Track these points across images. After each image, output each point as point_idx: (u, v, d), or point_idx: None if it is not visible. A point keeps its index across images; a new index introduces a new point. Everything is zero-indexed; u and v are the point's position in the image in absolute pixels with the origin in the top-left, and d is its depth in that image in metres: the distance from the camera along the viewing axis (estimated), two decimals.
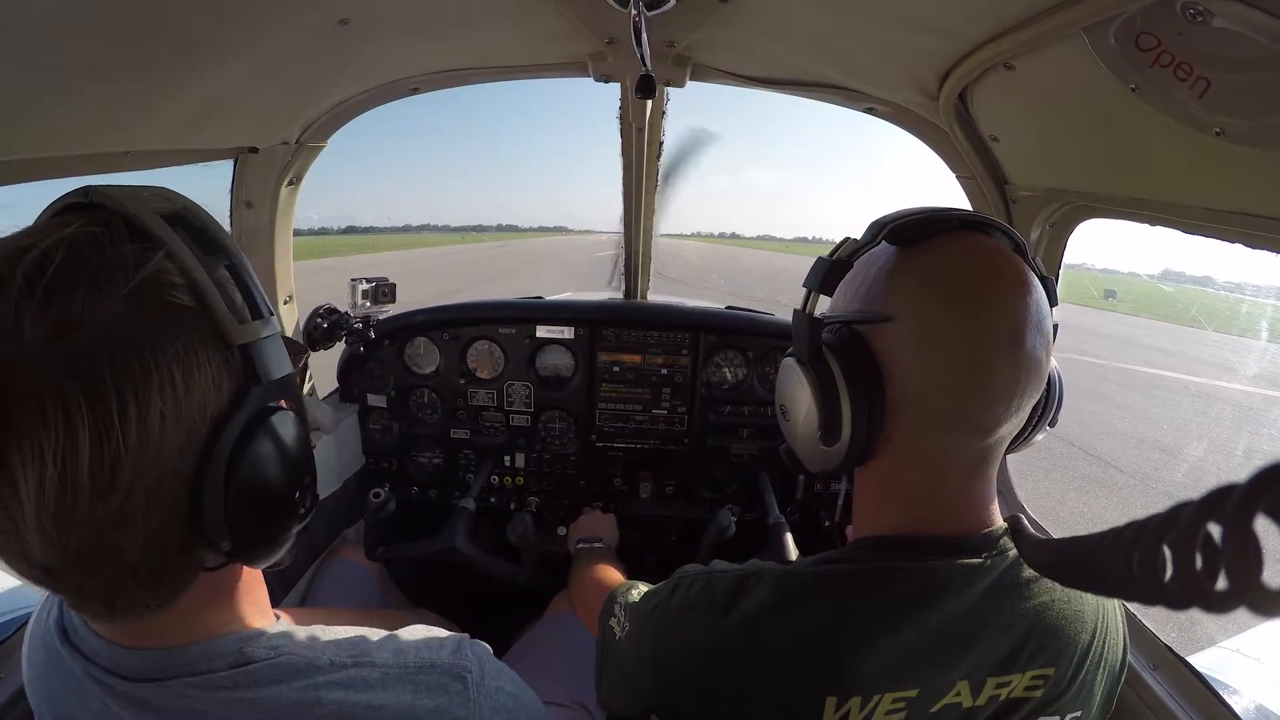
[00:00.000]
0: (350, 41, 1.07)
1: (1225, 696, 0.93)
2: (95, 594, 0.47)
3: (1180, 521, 0.28)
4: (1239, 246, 0.88)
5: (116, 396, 0.41)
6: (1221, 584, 0.25)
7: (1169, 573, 0.29)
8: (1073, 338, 14.32)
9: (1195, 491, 0.27)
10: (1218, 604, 0.25)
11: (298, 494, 0.54)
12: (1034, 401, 0.68)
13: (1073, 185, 1.12)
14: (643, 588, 0.87)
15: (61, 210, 0.49)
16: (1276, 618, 0.23)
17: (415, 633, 0.65)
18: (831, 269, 0.71)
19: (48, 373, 0.40)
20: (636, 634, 0.78)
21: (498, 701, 0.62)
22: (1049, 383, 0.72)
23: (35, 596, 0.54)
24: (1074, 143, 1.01)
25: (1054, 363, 0.74)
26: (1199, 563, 0.27)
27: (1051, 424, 0.77)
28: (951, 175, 1.35)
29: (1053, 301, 0.69)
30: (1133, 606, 1.11)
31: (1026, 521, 0.63)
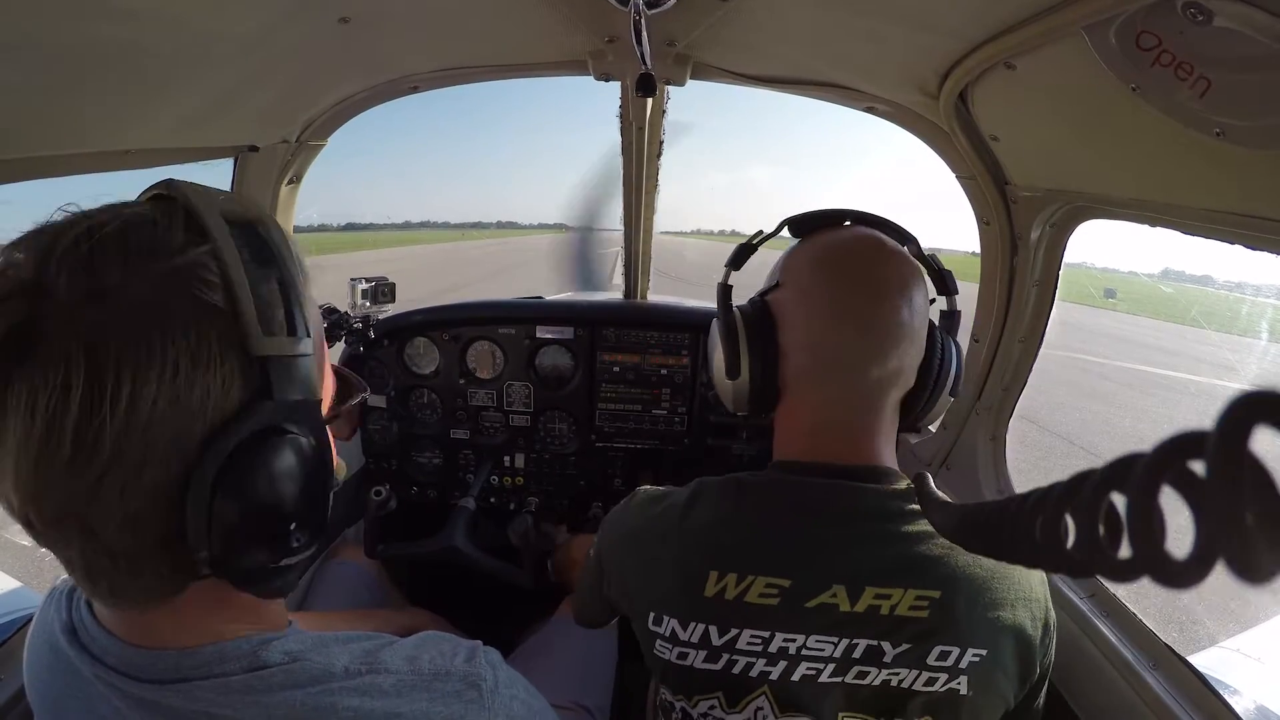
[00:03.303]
0: (351, 40, 1.06)
1: (1225, 696, 0.93)
2: (78, 566, 0.48)
3: (1084, 490, 0.28)
4: (1239, 247, 0.87)
5: (115, 369, 0.42)
6: (1124, 552, 0.25)
7: (1071, 540, 0.29)
8: (1073, 336, 14.31)
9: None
10: (1120, 572, 0.26)
11: (293, 526, 0.51)
12: (906, 354, 0.81)
13: (1073, 185, 1.12)
14: None
15: (148, 199, 0.51)
16: (1178, 588, 0.23)
17: (428, 639, 0.64)
18: (741, 250, 0.97)
19: (62, 332, 0.41)
20: (599, 540, 0.95)
21: (512, 710, 0.62)
22: (944, 354, 0.85)
23: (36, 597, 0.53)
24: (1074, 143, 1.01)
25: (955, 342, 0.88)
26: (1101, 531, 0.27)
27: (953, 394, 0.88)
28: (951, 175, 1.35)
29: (947, 291, 0.89)
30: (1131, 605, 1.11)
31: (932, 482, 0.71)
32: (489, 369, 1.82)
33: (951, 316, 0.89)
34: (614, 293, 2.14)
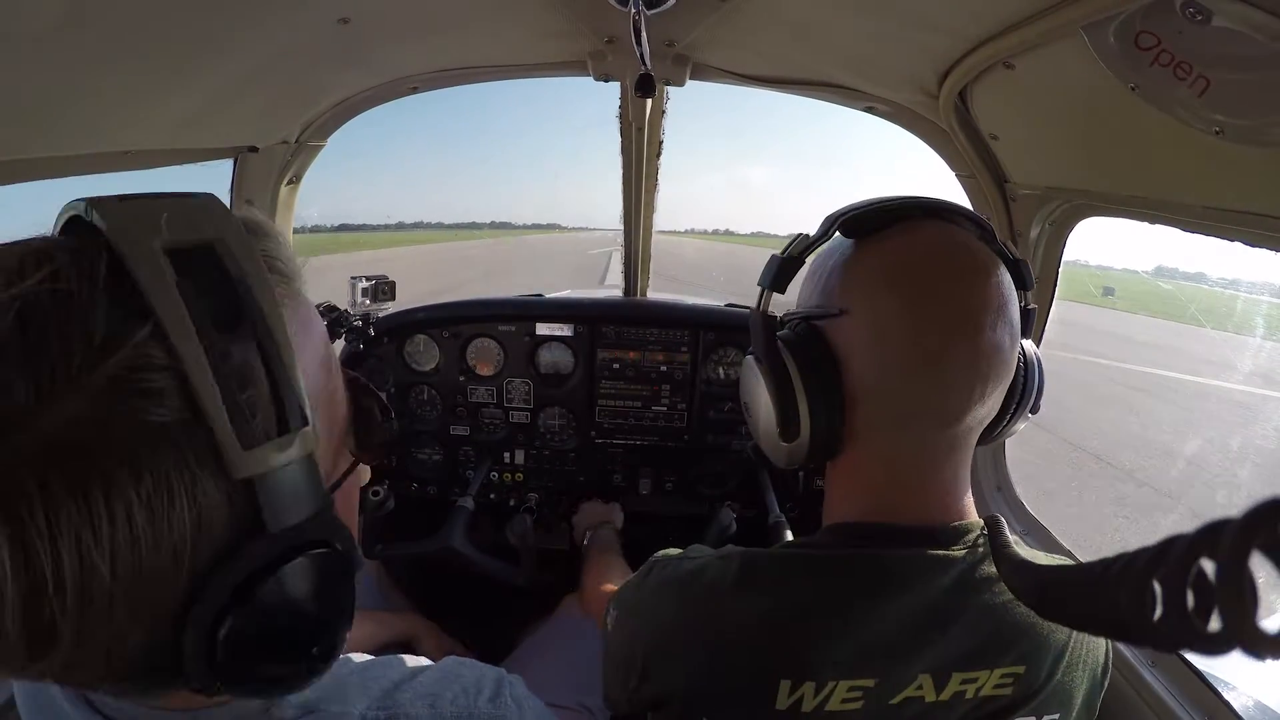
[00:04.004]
0: (350, 40, 1.06)
1: (1224, 693, 0.94)
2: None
3: (1171, 557, 0.27)
4: (1237, 244, 0.88)
5: (48, 535, 0.30)
6: (1214, 625, 0.24)
7: (1158, 612, 0.27)
8: (1075, 336, 14.27)
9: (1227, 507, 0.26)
10: (1210, 646, 0.24)
11: (314, 650, 0.42)
12: (1002, 389, 0.67)
13: (1072, 184, 1.12)
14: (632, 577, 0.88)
15: (62, 230, 0.38)
16: (1271, 660, 0.22)
17: (449, 670, 0.60)
18: (783, 266, 0.71)
19: None
20: (619, 622, 0.79)
21: None
22: (1026, 368, 0.70)
23: None
24: (1074, 141, 1.01)
25: (1032, 348, 0.72)
26: (1190, 602, 0.25)
27: (1033, 411, 0.73)
28: (951, 174, 1.36)
29: (1024, 285, 0.69)
30: None
31: (1007, 528, 0.63)
32: (489, 366, 1.82)
33: (1028, 316, 0.70)
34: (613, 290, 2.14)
